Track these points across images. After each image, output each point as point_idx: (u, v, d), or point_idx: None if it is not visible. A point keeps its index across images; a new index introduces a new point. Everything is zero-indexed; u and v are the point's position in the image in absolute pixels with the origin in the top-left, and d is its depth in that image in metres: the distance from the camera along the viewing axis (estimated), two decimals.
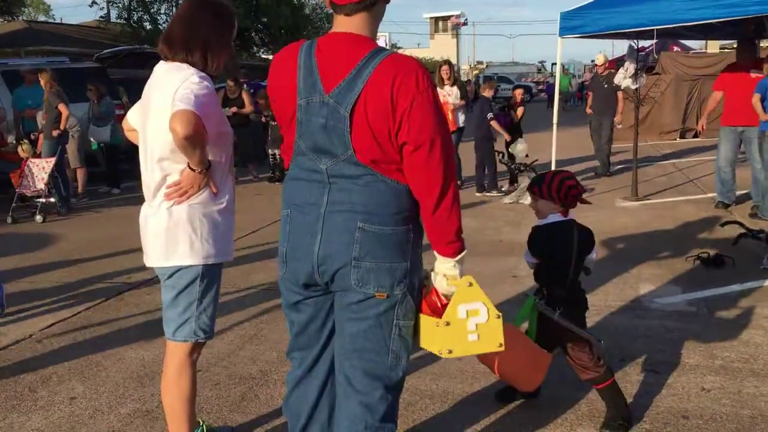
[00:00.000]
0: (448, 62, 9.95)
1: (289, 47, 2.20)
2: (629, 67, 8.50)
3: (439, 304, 2.22)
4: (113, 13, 26.52)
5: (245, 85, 11.84)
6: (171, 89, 2.42)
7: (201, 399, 3.42)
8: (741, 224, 5.99)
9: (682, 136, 15.98)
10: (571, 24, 7.60)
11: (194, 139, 2.35)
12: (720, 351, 3.84)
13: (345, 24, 2.09)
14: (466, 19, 67.32)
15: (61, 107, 8.99)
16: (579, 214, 3.09)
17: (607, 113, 10.72)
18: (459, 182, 8.83)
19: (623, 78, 8.61)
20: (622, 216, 7.55)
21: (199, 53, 2.52)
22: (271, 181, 11.14)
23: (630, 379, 3.51)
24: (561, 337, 2.99)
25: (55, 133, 9.02)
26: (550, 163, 8.53)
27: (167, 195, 2.51)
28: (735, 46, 23.76)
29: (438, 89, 8.26)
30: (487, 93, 9.73)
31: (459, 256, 2.15)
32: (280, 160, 10.48)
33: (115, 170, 10.81)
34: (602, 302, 4.70)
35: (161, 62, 2.57)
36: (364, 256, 2.07)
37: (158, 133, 2.47)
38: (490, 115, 9.22)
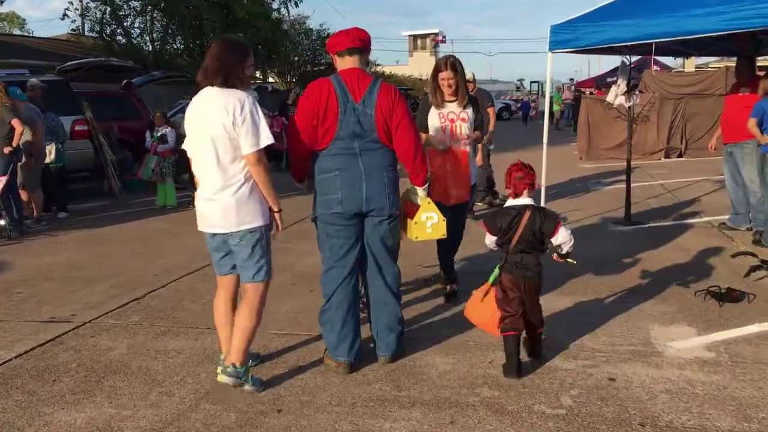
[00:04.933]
0: (451, 65, 5.06)
1: (320, 80, 3.77)
2: (621, 84, 8.03)
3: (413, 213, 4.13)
4: (87, 26, 25.79)
5: None
6: (236, 108, 3.37)
7: None
8: (754, 255, 5.50)
9: (666, 156, 15.64)
10: (562, 38, 7.05)
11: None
12: (754, 411, 3.29)
13: (350, 62, 3.79)
14: (444, 37, 67.28)
15: (15, 122, 8.28)
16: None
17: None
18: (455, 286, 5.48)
19: (615, 96, 8.13)
20: (617, 242, 7.04)
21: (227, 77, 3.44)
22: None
23: None
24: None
25: (6, 150, 8.30)
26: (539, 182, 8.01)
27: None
28: (712, 65, 23.64)
29: (434, 109, 5.15)
30: None
31: (426, 186, 4.04)
32: None
33: (64, 193, 9.96)
34: (609, 346, 4.15)
35: (208, 89, 3.46)
36: (391, 191, 3.81)
37: (224, 142, 3.39)
38: None
